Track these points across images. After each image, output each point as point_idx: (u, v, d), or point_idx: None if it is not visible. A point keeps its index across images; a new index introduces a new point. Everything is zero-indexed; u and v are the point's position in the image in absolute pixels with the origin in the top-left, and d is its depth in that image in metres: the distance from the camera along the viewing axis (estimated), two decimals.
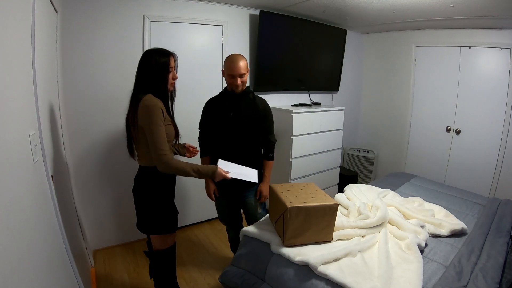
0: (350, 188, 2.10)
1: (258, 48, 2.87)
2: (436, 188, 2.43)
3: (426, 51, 3.47)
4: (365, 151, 4.04)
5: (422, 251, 1.48)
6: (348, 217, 1.71)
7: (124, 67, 2.28)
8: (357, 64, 4.09)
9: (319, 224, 1.43)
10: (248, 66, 1.74)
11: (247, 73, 1.72)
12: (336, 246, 1.43)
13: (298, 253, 1.36)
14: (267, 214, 1.77)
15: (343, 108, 3.26)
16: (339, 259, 1.33)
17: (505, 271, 1.40)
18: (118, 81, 2.28)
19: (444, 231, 1.66)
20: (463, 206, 2.07)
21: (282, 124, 2.83)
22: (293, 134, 2.81)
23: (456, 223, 1.70)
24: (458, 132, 3.30)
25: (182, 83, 2.04)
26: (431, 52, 3.42)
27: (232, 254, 2.19)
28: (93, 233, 2.40)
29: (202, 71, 2.70)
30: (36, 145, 1.09)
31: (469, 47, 3.13)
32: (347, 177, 3.49)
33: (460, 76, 3.22)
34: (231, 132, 1.77)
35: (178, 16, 2.49)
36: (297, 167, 2.92)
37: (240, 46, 2.90)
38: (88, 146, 2.28)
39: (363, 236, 1.54)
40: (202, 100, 1.93)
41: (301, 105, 3.16)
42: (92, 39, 2.16)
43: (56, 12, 1.86)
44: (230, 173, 1.50)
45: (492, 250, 1.50)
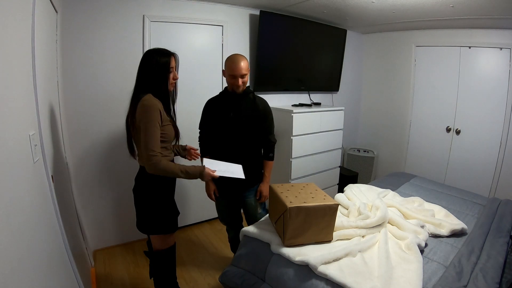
0: (350, 188, 2.10)
1: (258, 48, 2.87)
2: (436, 188, 2.43)
3: (426, 51, 3.47)
4: (365, 151, 4.04)
5: (422, 251, 1.48)
6: (348, 217, 1.71)
7: (124, 67, 2.28)
8: (357, 64, 4.09)
9: (319, 224, 1.43)
10: (249, 66, 1.74)
11: (248, 74, 1.72)
12: (336, 246, 1.43)
13: (298, 253, 1.36)
14: (267, 214, 1.77)
15: (343, 108, 3.26)
16: (339, 259, 1.33)
17: (505, 271, 1.40)
18: (118, 81, 2.28)
19: (444, 231, 1.66)
20: (463, 206, 2.07)
21: (282, 124, 2.83)
22: (293, 134, 2.81)
23: (456, 223, 1.70)
24: (458, 132, 3.30)
25: (182, 83, 2.05)
26: (431, 52, 3.42)
27: (232, 254, 2.19)
28: (93, 233, 2.40)
29: (202, 71, 2.70)
30: (36, 145, 1.09)
31: (469, 47, 3.13)
32: (347, 177, 3.49)
33: (460, 76, 3.22)
34: (231, 132, 1.77)
35: (178, 16, 2.49)
36: (297, 167, 2.92)
37: (240, 46, 2.90)
38: (88, 146, 2.28)
39: (363, 236, 1.55)
40: (202, 100, 1.93)
41: (301, 105, 3.16)
42: (92, 39, 2.16)
43: (56, 12, 1.86)
44: (217, 172, 1.49)
45: (492, 250, 1.50)
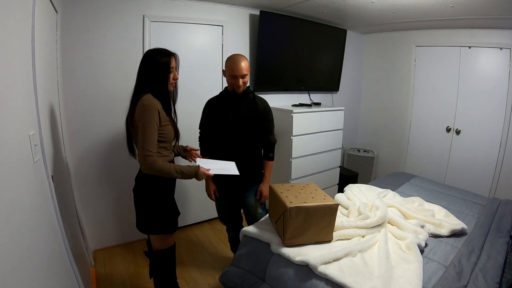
0: (350, 188, 2.10)
1: (258, 48, 2.87)
2: (436, 188, 2.43)
3: (426, 51, 3.47)
4: (365, 151, 4.04)
5: (422, 251, 1.48)
6: (348, 217, 1.71)
7: (124, 67, 2.28)
8: (357, 64, 4.09)
9: (319, 224, 1.43)
10: (249, 67, 1.74)
11: (248, 74, 1.72)
12: (336, 246, 1.43)
13: (298, 253, 1.36)
14: (267, 214, 1.77)
15: (343, 108, 3.26)
16: (339, 259, 1.33)
17: (505, 271, 1.40)
18: (118, 81, 2.28)
19: (444, 231, 1.66)
20: (463, 206, 2.07)
21: (282, 124, 2.83)
22: (293, 134, 2.81)
23: (456, 223, 1.70)
24: (458, 132, 3.30)
25: (182, 83, 2.04)
26: (431, 52, 3.42)
27: (232, 254, 2.19)
28: (93, 233, 2.40)
29: (202, 71, 2.70)
30: (36, 145, 1.09)
31: (469, 47, 3.13)
32: (347, 177, 3.49)
33: (460, 76, 3.22)
34: (231, 132, 1.77)
35: (178, 16, 2.49)
36: (297, 167, 2.92)
37: (240, 46, 2.90)
38: (88, 146, 2.28)
39: (363, 236, 1.55)
40: (202, 100, 1.92)
41: (301, 105, 3.16)
42: (92, 39, 2.16)
43: (56, 12, 1.86)
44: (212, 170, 1.50)
45: (492, 250, 1.50)
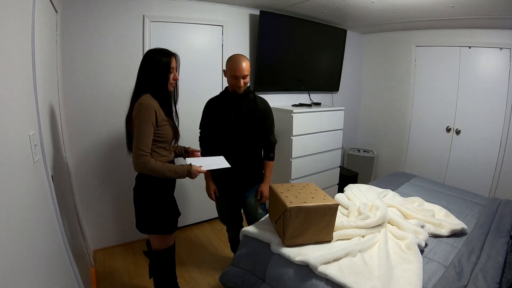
0: (350, 188, 2.10)
1: (258, 48, 2.87)
2: (436, 188, 2.43)
3: (426, 51, 3.47)
4: (365, 151, 4.04)
5: (422, 251, 1.48)
6: (348, 217, 1.71)
7: (124, 67, 2.28)
8: (357, 64, 4.09)
9: (319, 224, 1.43)
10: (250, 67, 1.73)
11: (249, 74, 1.71)
12: (336, 246, 1.43)
13: (298, 253, 1.36)
14: (267, 214, 1.77)
15: (343, 108, 3.26)
16: (339, 259, 1.33)
17: (505, 271, 1.40)
18: (118, 81, 2.28)
19: (444, 231, 1.66)
20: (463, 206, 2.07)
21: (282, 124, 2.83)
22: (293, 134, 2.81)
23: (456, 223, 1.70)
24: (458, 132, 3.30)
25: (182, 83, 2.05)
26: (431, 52, 3.42)
27: (232, 254, 2.19)
28: (93, 233, 2.40)
29: (202, 71, 2.70)
30: (36, 145, 1.09)
31: (469, 47, 3.13)
32: (347, 177, 3.49)
33: (460, 76, 3.22)
34: (232, 132, 1.76)
35: (178, 16, 2.49)
36: (297, 167, 2.92)
37: (240, 46, 2.90)
38: (88, 146, 2.28)
39: (363, 236, 1.55)
40: (202, 100, 1.92)
41: (301, 105, 3.16)
42: (92, 39, 2.16)
43: (56, 12, 1.86)
44: (203, 167, 1.51)
45: (492, 250, 1.50)
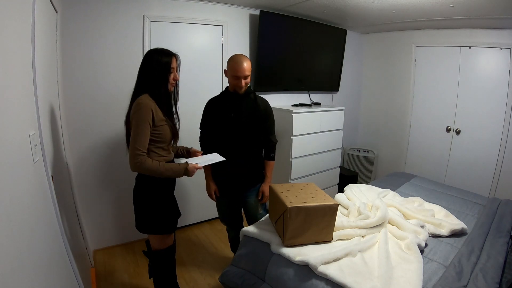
0: (350, 188, 2.10)
1: (258, 48, 2.87)
2: (436, 188, 2.43)
3: (426, 51, 3.47)
4: (365, 151, 4.04)
5: (422, 251, 1.48)
6: (348, 217, 1.71)
7: (124, 67, 2.28)
8: (357, 64, 4.09)
9: (319, 224, 1.43)
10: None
11: (250, 74, 1.70)
12: (336, 246, 1.43)
13: (298, 253, 1.36)
14: (267, 214, 1.77)
15: (343, 108, 3.26)
16: (339, 259, 1.33)
17: (505, 271, 1.40)
18: (118, 81, 2.28)
19: (444, 231, 1.66)
20: (463, 206, 2.07)
21: (282, 124, 2.83)
22: (293, 134, 2.81)
23: (456, 223, 1.70)
24: (458, 132, 3.30)
25: (182, 83, 2.04)
26: (431, 52, 3.42)
27: (232, 254, 2.19)
28: (93, 233, 2.40)
29: (202, 71, 2.70)
30: (36, 145, 1.09)
31: (469, 47, 3.13)
32: (347, 177, 3.49)
33: (460, 76, 3.22)
34: (232, 132, 1.76)
35: (178, 16, 2.49)
36: (297, 167, 2.92)
37: (240, 46, 2.90)
38: (88, 146, 2.28)
39: (363, 236, 1.54)
40: (202, 100, 1.92)
41: (301, 105, 3.16)
42: (92, 39, 2.16)
43: (56, 12, 1.86)
44: (199, 163, 1.53)
45: (492, 250, 1.50)
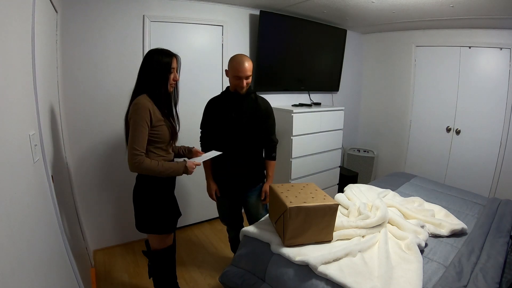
0: (350, 188, 2.10)
1: (258, 48, 2.87)
2: (436, 188, 2.43)
3: (426, 51, 3.47)
4: (365, 151, 4.04)
5: (422, 251, 1.48)
6: (348, 217, 1.71)
7: (124, 67, 2.28)
8: (357, 64, 4.09)
9: (319, 224, 1.43)
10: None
11: (252, 74, 1.70)
12: (336, 246, 1.43)
13: (298, 253, 1.36)
14: (267, 214, 1.77)
15: (343, 108, 3.26)
16: (339, 259, 1.33)
17: (505, 271, 1.40)
18: (118, 81, 2.28)
19: (444, 231, 1.66)
20: (463, 206, 2.07)
21: (282, 124, 2.83)
22: (293, 134, 2.81)
23: (456, 223, 1.70)
24: (458, 132, 3.30)
25: (182, 83, 2.05)
26: (431, 52, 3.42)
27: (232, 254, 2.19)
28: (93, 233, 2.40)
29: (202, 71, 2.70)
30: (36, 145, 1.09)
31: (469, 47, 3.13)
32: (347, 177, 3.49)
33: (460, 76, 3.22)
34: (233, 132, 1.76)
35: (178, 16, 2.49)
36: (297, 167, 2.92)
37: (240, 46, 2.90)
38: (88, 146, 2.28)
39: (363, 236, 1.54)
40: (202, 100, 1.92)
41: (301, 105, 3.16)
42: (92, 39, 2.16)
43: (56, 12, 1.86)
44: (197, 160, 1.55)
45: (492, 250, 1.50)
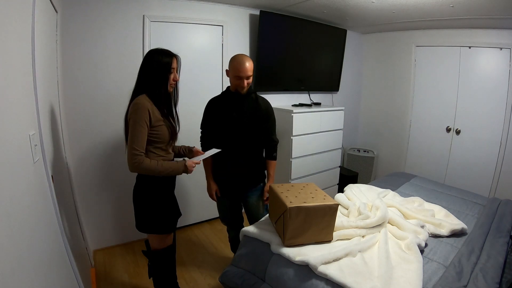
0: (350, 188, 2.10)
1: (258, 48, 2.87)
2: (436, 188, 2.43)
3: (426, 51, 3.47)
4: (365, 151, 4.04)
5: (422, 251, 1.48)
6: (348, 217, 1.71)
7: (124, 67, 2.28)
8: (357, 64, 4.09)
9: (319, 224, 1.43)
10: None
11: (252, 74, 1.70)
12: (336, 246, 1.43)
13: (298, 253, 1.36)
14: (267, 214, 1.77)
15: (343, 108, 3.26)
16: (339, 259, 1.33)
17: (505, 271, 1.40)
18: (118, 81, 2.28)
19: (444, 231, 1.66)
20: (463, 206, 2.07)
21: (282, 124, 2.83)
22: (293, 134, 2.81)
23: (456, 223, 1.70)
24: (458, 132, 3.30)
25: (182, 83, 2.05)
26: (431, 52, 3.42)
27: (232, 254, 2.19)
28: (93, 233, 2.40)
29: (202, 71, 2.70)
30: (36, 145, 1.09)
31: (469, 47, 3.13)
32: (347, 177, 3.49)
33: (460, 76, 3.22)
34: (234, 132, 1.76)
35: (178, 16, 2.49)
36: (297, 167, 2.92)
37: (240, 46, 2.90)
38: (88, 146, 2.28)
39: (363, 236, 1.54)
40: (202, 100, 1.92)
41: (301, 105, 3.16)
42: (92, 39, 2.16)
43: (56, 12, 1.86)
44: (196, 159, 1.56)
45: (492, 250, 1.50)
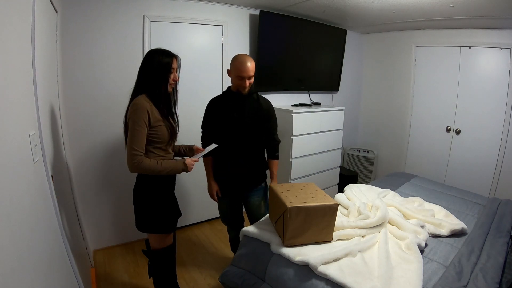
0: (350, 188, 2.10)
1: (258, 48, 2.87)
2: (436, 188, 2.43)
3: (426, 51, 3.47)
4: (365, 151, 4.04)
5: (422, 251, 1.48)
6: (348, 217, 1.71)
7: (124, 67, 2.28)
8: (357, 64, 4.09)
9: (319, 224, 1.43)
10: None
11: (254, 74, 1.69)
12: (336, 246, 1.43)
13: (298, 253, 1.36)
14: (267, 214, 1.77)
15: (343, 108, 3.26)
16: (339, 259, 1.33)
17: (505, 271, 1.40)
18: (118, 81, 2.28)
19: (444, 231, 1.66)
20: (463, 206, 2.07)
21: (282, 124, 2.82)
22: (293, 134, 2.81)
23: (456, 223, 1.70)
24: (458, 132, 3.30)
25: (182, 83, 2.05)
26: (431, 52, 3.42)
27: (232, 254, 2.19)
28: (93, 233, 2.40)
29: (202, 71, 2.70)
30: (36, 145, 1.09)
31: (469, 47, 3.13)
32: (347, 177, 3.49)
33: (460, 76, 3.22)
34: (235, 132, 1.76)
35: (178, 16, 2.49)
36: (297, 167, 2.92)
37: (240, 46, 2.90)
38: (88, 146, 2.28)
39: (363, 236, 1.54)
40: (202, 100, 1.92)
41: (301, 105, 3.16)
42: (92, 39, 2.16)
43: (56, 12, 1.86)
44: (194, 157, 1.56)
45: (492, 250, 1.50)
